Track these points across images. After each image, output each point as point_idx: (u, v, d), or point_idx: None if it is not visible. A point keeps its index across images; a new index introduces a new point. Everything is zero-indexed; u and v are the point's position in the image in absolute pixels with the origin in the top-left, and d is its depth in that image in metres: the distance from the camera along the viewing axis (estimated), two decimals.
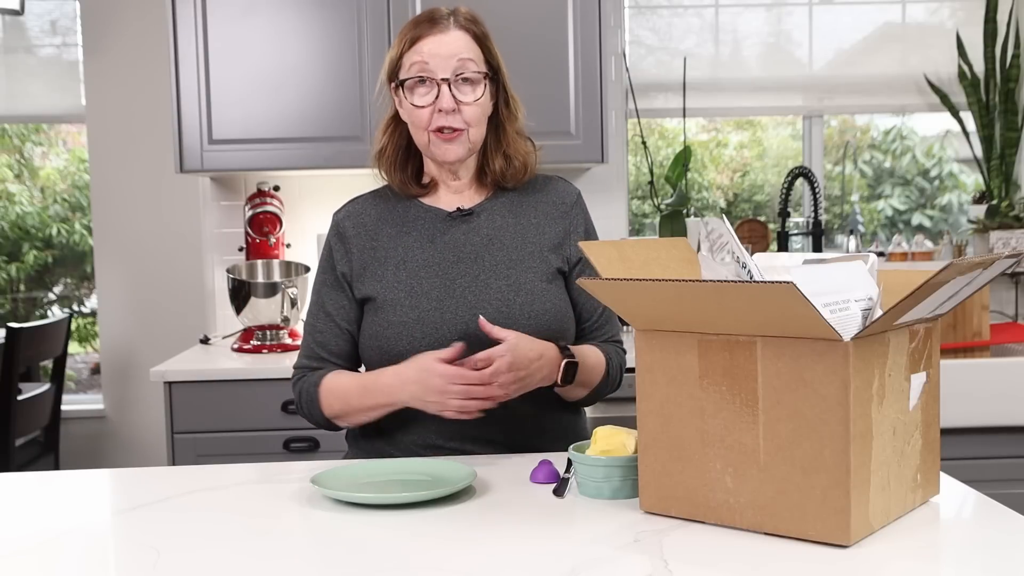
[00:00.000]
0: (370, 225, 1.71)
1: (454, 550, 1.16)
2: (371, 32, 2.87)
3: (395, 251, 1.68)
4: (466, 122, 1.62)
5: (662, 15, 3.49)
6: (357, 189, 3.25)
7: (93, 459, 3.68)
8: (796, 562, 1.09)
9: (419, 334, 1.61)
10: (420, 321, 1.61)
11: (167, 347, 3.51)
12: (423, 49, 1.61)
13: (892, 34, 3.50)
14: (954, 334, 2.87)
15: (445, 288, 1.64)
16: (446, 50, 1.61)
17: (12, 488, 1.51)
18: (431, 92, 1.61)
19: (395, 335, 1.62)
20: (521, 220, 1.71)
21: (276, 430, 2.65)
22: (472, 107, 1.62)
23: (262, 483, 1.48)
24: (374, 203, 1.75)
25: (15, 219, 4.62)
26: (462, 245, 1.67)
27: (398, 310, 1.63)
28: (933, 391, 1.28)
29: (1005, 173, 3.41)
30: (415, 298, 1.63)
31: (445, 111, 1.60)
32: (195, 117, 2.87)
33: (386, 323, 1.63)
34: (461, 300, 1.63)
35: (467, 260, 1.66)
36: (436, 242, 1.68)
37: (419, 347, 1.60)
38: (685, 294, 1.17)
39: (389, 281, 1.66)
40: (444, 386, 1.50)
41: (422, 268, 1.66)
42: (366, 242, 1.70)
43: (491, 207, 1.71)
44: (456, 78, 1.61)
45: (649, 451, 1.27)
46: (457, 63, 1.61)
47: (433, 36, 1.61)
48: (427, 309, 1.62)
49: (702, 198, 4.04)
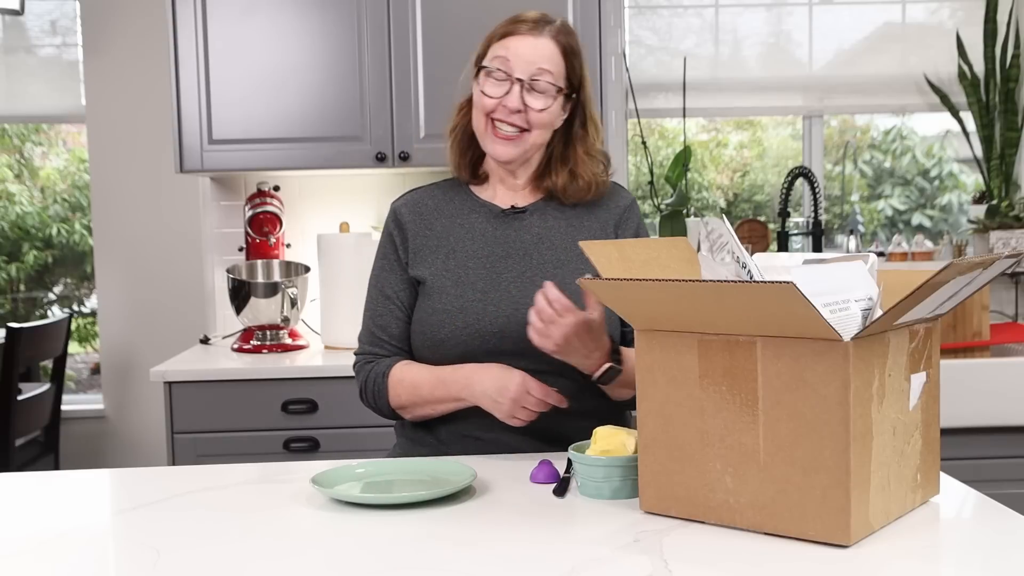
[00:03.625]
0: (426, 213, 1.75)
1: (454, 550, 1.16)
2: (371, 32, 2.87)
3: (447, 240, 1.72)
4: (529, 124, 1.65)
5: (662, 15, 3.49)
6: (357, 189, 3.26)
7: (93, 459, 3.68)
8: (796, 562, 1.09)
9: (461, 323, 1.64)
10: (463, 310, 1.65)
11: (167, 347, 3.51)
12: (509, 45, 1.65)
13: (892, 34, 3.50)
14: (954, 334, 2.87)
15: (491, 280, 1.67)
16: (530, 55, 1.64)
17: (12, 488, 1.51)
18: (503, 86, 1.64)
19: (438, 322, 1.66)
20: (572, 222, 1.74)
21: (276, 430, 2.65)
22: (537, 114, 1.65)
23: (262, 483, 1.48)
24: (432, 194, 1.78)
25: (15, 219, 4.62)
26: (512, 241, 1.71)
27: (443, 297, 1.67)
28: (933, 391, 1.28)
29: (1005, 173, 3.41)
30: (460, 287, 1.67)
31: (510, 108, 1.63)
32: (195, 117, 2.87)
33: (431, 309, 1.67)
34: (505, 293, 1.66)
35: (515, 256, 1.69)
36: (487, 236, 1.71)
37: (461, 335, 1.64)
38: (685, 294, 1.17)
39: (438, 268, 1.70)
40: (522, 395, 1.54)
41: (470, 259, 1.69)
42: (421, 228, 1.74)
43: (544, 208, 1.74)
44: (530, 83, 1.64)
45: (649, 451, 1.27)
46: (536, 70, 1.64)
47: (523, 37, 1.65)
48: (471, 299, 1.66)
49: (702, 198, 4.04)
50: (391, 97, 2.88)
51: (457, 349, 1.65)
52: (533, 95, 1.64)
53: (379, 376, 1.70)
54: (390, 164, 2.89)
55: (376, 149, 2.88)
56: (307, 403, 2.65)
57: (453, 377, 1.63)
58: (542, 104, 1.65)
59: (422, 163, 2.90)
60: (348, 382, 2.65)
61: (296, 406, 2.65)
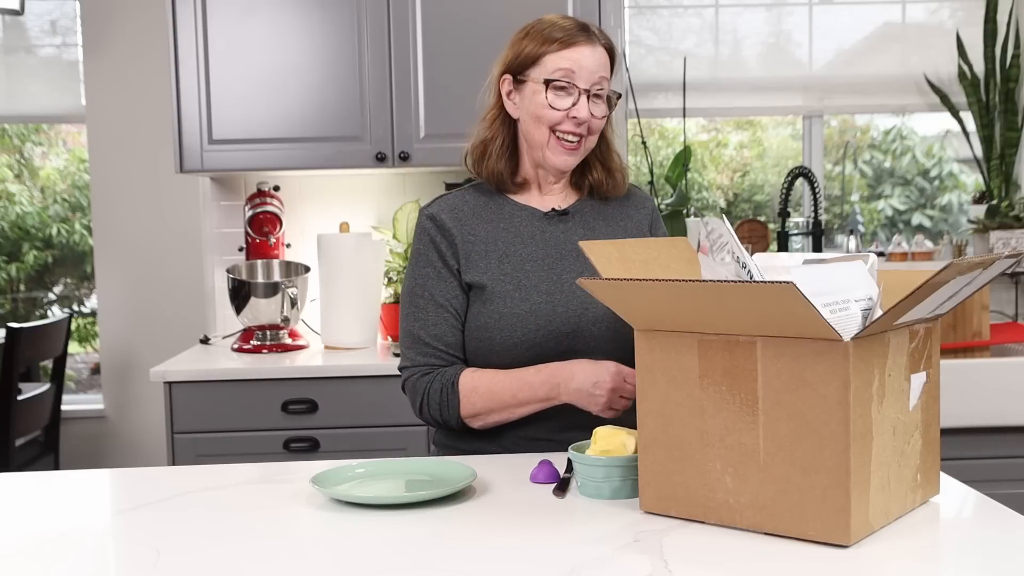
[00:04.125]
0: (465, 218, 1.72)
1: (454, 550, 1.16)
2: (371, 32, 2.87)
3: (495, 244, 1.70)
4: (589, 131, 1.67)
5: (662, 15, 3.49)
6: (357, 189, 3.26)
7: (93, 459, 3.68)
8: (796, 562, 1.09)
9: (532, 326, 1.64)
10: (533, 313, 1.64)
11: (167, 347, 3.51)
12: (574, 56, 1.63)
13: (892, 34, 3.50)
14: (954, 334, 2.87)
15: (553, 282, 1.67)
16: (593, 64, 1.64)
17: (12, 488, 1.51)
18: (570, 98, 1.63)
19: (508, 326, 1.64)
20: (611, 223, 1.76)
21: (276, 430, 2.65)
22: (598, 122, 1.67)
23: (262, 483, 1.48)
24: (464, 199, 1.75)
25: (15, 219, 4.62)
26: (563, 243, 1.71)
27: (508, 302, 1.65)
28: (933, 391, 1.28)
29: (1005, 173, 3.41)
30: (524, 291, 1.66)
31: (580, 120, 1.64)
32: (195, 117, 2.87)
33: (497, 315, 1.65)
34: (570, 294, 1.66)
35: (570, 257, 1.70)
36: (537, 238, 1.71)
37: (532, 339, 1.63)
38: (685, 294, 1.17)
39: (494, 273, 1.67)
40: (620, 384, 1.54)
41: (527, 262, 1.69)
42: (466, 233, 1.70)
43: (583, 209, 1.76)
44: (593, 92, 1.64)
45: (649, 451, 1.27)
46: (597, 79, 1.65)
47: (585, 47, 1.64)
48: (537, 302, 1.65)
49: (702, 198, 4.04)
50: (391, 97, 2.88)
51: (531, 353, 1.63)
52: (595, 104, 1.65)
53: (447, 386, 1.64)
54: (390, 164, 2.89)
55: (376, 149, 2.88)
56: (307, 403, 2.65)
57: (538, 378, 1.60)
58: (603, 112, 1.67)
59: (422, 163, 2.90)
60: (348, 382, 2.66)
61: (296, 406, 2.65)
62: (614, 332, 1.65)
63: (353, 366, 2.66)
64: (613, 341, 1.65)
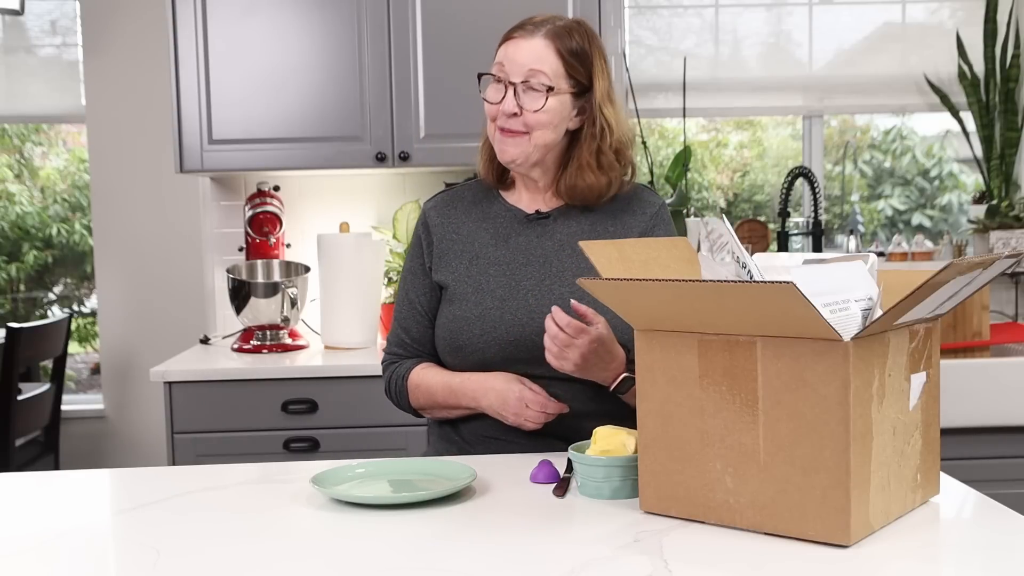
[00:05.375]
0: (453, 217, 1.76)
1: (454, 550, 1.16)
2: (371, 32, 2.87)
3: (471, 245, 1.73)
4: (527, 126, 1.64)
5: (662, 15, 3.49)
6: (357, 189, 3.26)
7: (93, 459, 3.68)
8: (796, 562, 1.09)
9: (479, 330, 1.66)
10: (481, 317, 1.66)
11: (167, 347, 3.51)
12: (507, 50, 1.66)
13: (892, 34, 3.50)
14: (954, 334, 2.87)
15: (510, 288, 1.68)
16: (521, 57, 1.64)
17: (12, 488, 1.51)
18: (500, 91, 1.65)
19: (458, 329, 1.68)
20: (596, 227, 1.72)
21: (276, 430, 2.65)
22: (533, 115, 1.64)
23: (262, 483, 1.48)
24: (462, 195, 1.80)
25: (15, 219, 4.62)
26: (533, 248, 1.71)
27: (463, 304, 1.69)
28: (933, 391, 1.28)
29: (1005, 173, 3.41)
30: (480, 294, 1.68)
31: (506, 113, 1.64)
32: (195, 117, 2.87)
33: (452, 316, 1.69)
34: (523, 302, 1.67)
35: (535, 263, 1.70)
36: (509, 242, 1.72)
37: (479, 343, 1.65)
38: (685, 294, 1.17)
39: (460, 274, 1.71)
40: (521, 408, 1.59)
41: (491, 265, 1.70)
42: (447, 232, 1.75)
43: (568, 213, 1.73)
44: (523, 85, 1.64)
45: (649, 451, 1.27)
46: (527, 72, 1.63)
47: (516, 40, 1.65)
48: (489, 306, 1.67)
49: (702, 198, 4.04)
50: (391, 97, 2.88)
51: (475, 356, 1.67)
52: (529, 96, 1.63)
53: (399, 378, 1.75)
54: (390, 164, 2.89)
55: (376, 149, 2.88)
56: (307, 403, 2.65)
57: (462, 388, 1.67)
58: (536, 104, 1.63)
59: (422, 163, 2.90)
60: (348, 382, 2.66)
61: (296, 406, 2.65)
62: None
63: (353, 366, 2.66)
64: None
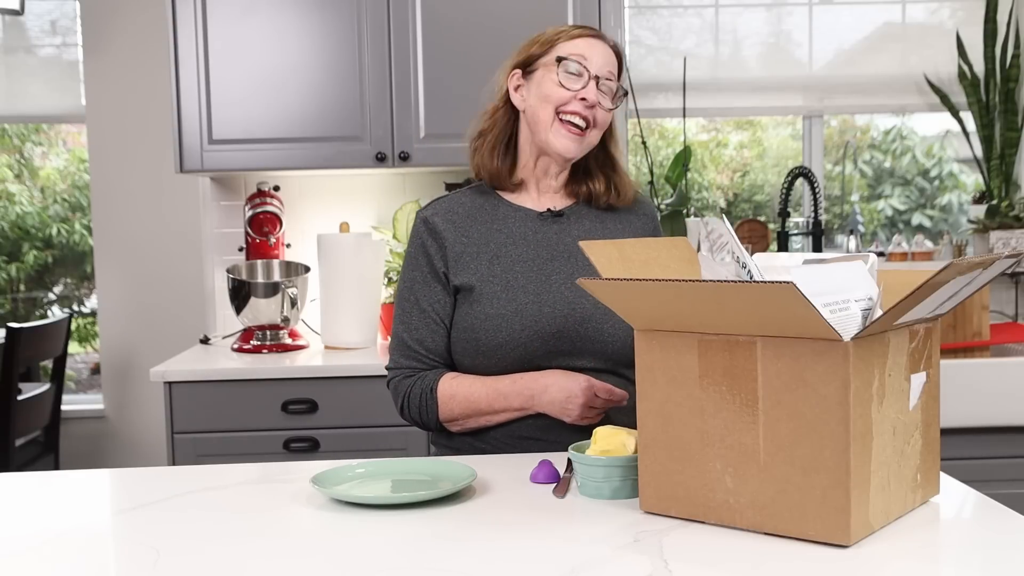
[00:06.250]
0: (459, 220, 1.73)
1: (454, 550, 1.16)
2: (371, 32, 2.87)
3: (487, 245, 1.71)
4: (595, 121, 1.67)
5: (662, 15, 3.49)
6: (357, 189, 3.26)
7: (93, 459, 3.68)
8: (796, 562, 1.09)
9: (518, 326, 1.64)
10: (519, 313, 1.65)
11: (167, 347, 3.51)
12: (587, 44, 1.68)
13: (892, 34, 3.50)
14: (954, 334, 2.87)
15: (541, 283, 1.68)
16: (604, 55, 1.69)
17: (12, 488, 1.51)
18: (580, 80, 1.66)
19: (494, 327, 1.65)
20: (608, 226, 1.76)
21: (276, 430, 2.65)
22: (604, 113, 1.68)
23: (262, 483, 1.48)
24: (461, 200, 1.76)
25: (15, 219, 4.62)
26: (555, 244, 1.71)
27: (495, 303, 1.66)
28: (933, 391, 1.28)
29: (1005, 173, 3.41)
30: (512, 291, 1.66)
31: (589, 102, 1.65)
32: (195, 117, 2.87)
33: (483, 315, 1.66)
34: (558, 295, 1.67)
35: (561, 258, 1.70)
36: (529, 239, 1.71)
37: (517, 339, 1.63)
38: (685, 294, 1.17)
39: (484, 274, 1.68)
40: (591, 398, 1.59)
41: (517, 263, 1.69)
42: (458, 236, 1.71)
43: (579, 211, 1.76)
44: (603, 81, 1.67)
45: (649, 451, 1.27)
46: (607, 71, 1.68)
47: (596, 40, 1.69)
48: (524, 302, 1.65)
49: (702, 198, 4.03)
50: (391, 97, 2.88)
51: (515, 353, 1.64)
52: (603, 95, 1.67)
53: (426, 391, 1.68)
54: (390, 164, 2.89)
55: (376, 149, 2.88)
56: (307, 403, 2.65)
57: (513, 389, 1.63)
58: (610, 104, 1.68)
59: (422, 163, 2.90)
60: (348, 382, 2.66)
61: (296, 406, 2.65)
62: (599, 333, 1.65)
63: (353, 366, 2.66)
64: (598, 342, 1.66)
